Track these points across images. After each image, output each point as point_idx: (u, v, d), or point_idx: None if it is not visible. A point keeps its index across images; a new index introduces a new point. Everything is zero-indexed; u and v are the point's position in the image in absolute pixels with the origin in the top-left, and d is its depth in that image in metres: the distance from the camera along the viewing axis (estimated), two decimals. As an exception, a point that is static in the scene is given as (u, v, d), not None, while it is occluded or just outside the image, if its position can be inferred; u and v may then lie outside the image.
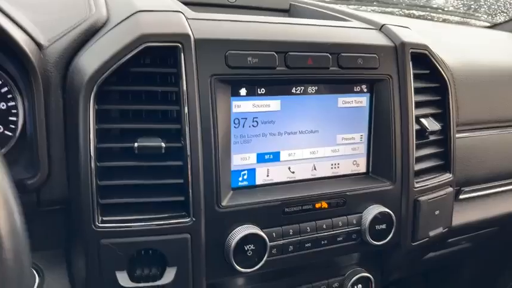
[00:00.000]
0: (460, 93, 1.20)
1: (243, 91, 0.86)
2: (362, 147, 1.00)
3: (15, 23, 0.76)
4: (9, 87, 0.77)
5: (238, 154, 0.88)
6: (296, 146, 0.93)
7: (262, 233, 0.84)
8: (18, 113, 0.78)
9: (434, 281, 1.94)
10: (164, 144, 0.77)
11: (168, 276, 0.79)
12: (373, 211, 0.95)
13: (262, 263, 0.85)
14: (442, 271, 1.91)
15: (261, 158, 0.90)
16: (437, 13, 2.11)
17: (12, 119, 0.78)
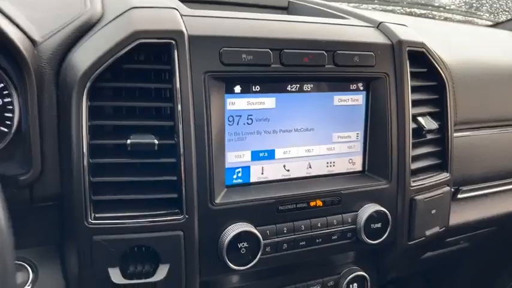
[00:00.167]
0: (458, 92, 1.19)
1: (237, 88, 0.85)
2: (358, 146, 0.99)
3: (9, 19, 0.76)
4: (4, 83, 0.77)
5: (233, 152, 0.87)
6: (291, 144, 0.92)
7: (255, 231, 0.84)
8: (14, 110, 0.78)
9: (433, 281, 1.94)
10: (157, 141, 0.76)
11: (161, 273, 0.79)
12: (368, 210, 0.95)
13: (255, 261, 0.85)
14: (441, 271, 1.91)
15: (256, 155, 0.90)
16: (439, 11, 2.10)
17: (8, 115, 0.78)
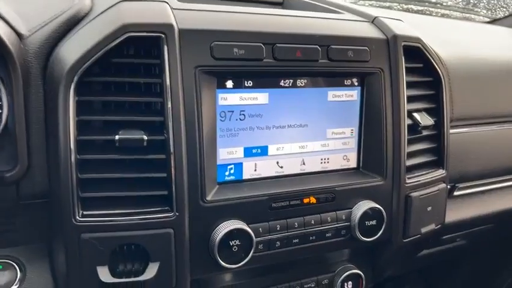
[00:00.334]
0: (454, 88, 1.18)
1: (229, 83, 0.84)
2: (352, 142, 0.98)
3: (-5, 13, 0.74)
4: (-10, 78, 0.76)
5: (225, 148, 0.86)
6: (285, 140, 0.91)
7: (248, 229, 0.83)
8: (2, 105, 0.76)
9: (431, 279, 1.93)
10: (146, 137, 0.75)
11: (150, 271, 0.77)
12: (363, 207, 0.93)
13: (248, 258, 0.83)
14: (439, 268, 1.90)
15: (249, 152, 0.88)
16: (436, 8, 2.09)
17: None
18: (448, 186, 1.17)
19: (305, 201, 0.90)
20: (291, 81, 0.89)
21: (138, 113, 0.78)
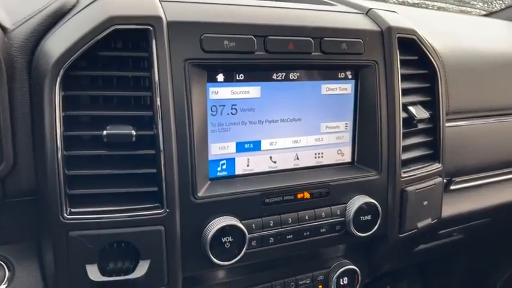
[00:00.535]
0: (450, 81, 1.16)
1: (220, 77, 0.82)
2: (347, 136, 0.96)
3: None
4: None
5: (217, 143, 0.84)
6: (278, 134, 0.89)
7: (240, 225, 0.81)
8: None
9: (429, 274, 1.92)
10: (135, 132, 0.73)
11: (141, 269, 0.76)
12: (358, 202, 0.92)
13: (240, 255, 0.82)
14: (437, 263, 1.89)
15: (241, 147, 0.87)
16: (432, 1, 2.07)
17: None
18: (445, 180, 1.16)
19: (299, 196, 0.88)
20: (284, 74, 0.87)
21: (126, 108, 0.76)
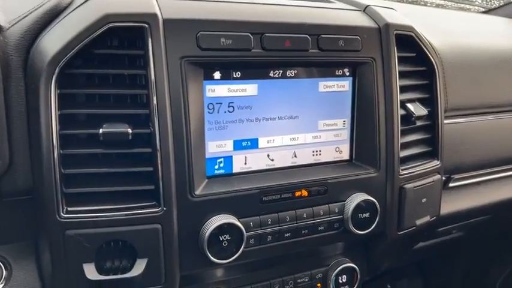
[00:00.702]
0: (449, 78, 1.16)
1: (217, 75, 0.82)
2: (345, 134, 0.96)
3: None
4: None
5: (214, 141, 0.84)
6: (275, 132, 0.89)
7: (238, 223, 0.81)
8: None
9: (429, 272, 1.92)
10: (131, 130, 0.73)
11: (138, 268, 0.75)
12: (356, 199, 0.92)
13: (238, 253, 0.82)
14: (437, 261, 1.89)
15: (238, 145, 0.86)
16: (431, -2, 2.07)
17: None
18: (443, 178, 1.15)
19: (297, 194, 0.88)
20: (281, 71, 0.87)
21: (123, 106, 0.76)
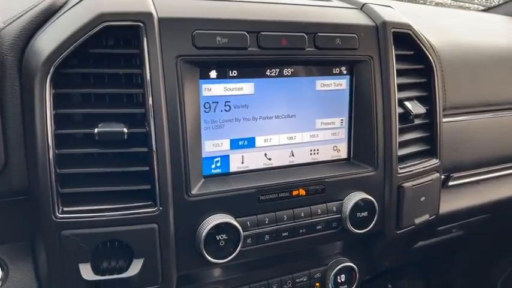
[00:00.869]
0: (447, 76, 1.15)
1: (213, 73, 0.81)
2: (342, 132, 0.95)
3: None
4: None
5: (210, 140, 0.84)
6: (272, 131, 0.89)
7: (235, 222, 0.81)
8: None
9: (430, 271, 1.91)
10: (126, 130, 0.73)
11: (135, 268, 0.75)
12: (354, 198, 0.91)
13: (235, 253, 0.81)
14: (438, 261, 1.88)
15: (235, 144, 0.86)
16: (430, -3, 2.06)
17: None
18: (443, 176, 1.15)
19: (294, 193, 0.88)
20: (278, 70, 0.87)
21: (118, 106, 0.75)
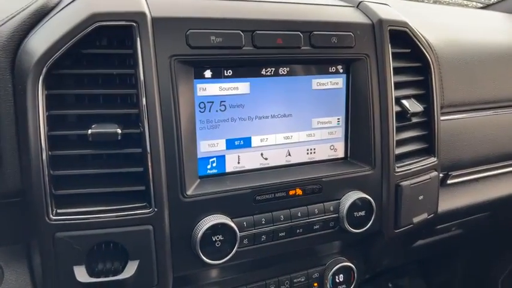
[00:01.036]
0: (445, 74, 1.15)
1: (207, 73, 0.81)
2: (339, 131, 0.95)
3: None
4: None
5: (206, 140, 0.83)
6: (268, 131, 0.88)
7: (231, 223, 0.80)
8: None
9: (430, 270, 1.91)
10: (120, 131, 0.72)
11: (130, 270, 0.74)
12: (351, 197, 0.91)
13: (232, 254, 0.81)
14: (438, 259, 1.88)
15: (231, 144, 0.85)
16: (428, -6, 2.05)
17: None
18: (441, 175, 1.14)
19: (291, 193, 0.87)
20: (273, 69, 0.86)
21: (112, 106, 0.75)
